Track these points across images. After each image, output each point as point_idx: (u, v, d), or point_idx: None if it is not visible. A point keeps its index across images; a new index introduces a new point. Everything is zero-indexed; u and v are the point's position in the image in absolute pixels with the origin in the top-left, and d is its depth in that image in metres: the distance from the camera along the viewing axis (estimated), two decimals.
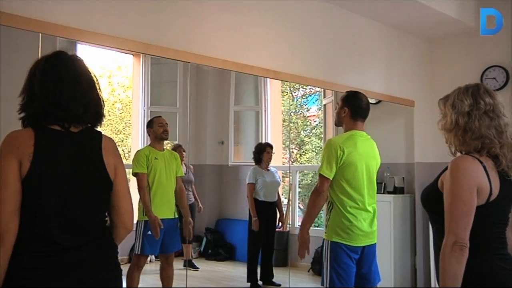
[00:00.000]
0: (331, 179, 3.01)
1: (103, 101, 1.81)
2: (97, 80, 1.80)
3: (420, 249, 5.25)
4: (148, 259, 4.03)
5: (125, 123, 5.02)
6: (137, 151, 3.87)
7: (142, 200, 3.67)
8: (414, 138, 5.29)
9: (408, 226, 5.29)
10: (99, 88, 1.79)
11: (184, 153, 4.13)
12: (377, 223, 3.23)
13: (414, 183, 5.26)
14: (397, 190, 5.27)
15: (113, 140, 1.86)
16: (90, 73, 1.78)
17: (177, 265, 3.94)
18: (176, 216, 3.88)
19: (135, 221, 3.75)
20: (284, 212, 5.51)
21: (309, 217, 3.11)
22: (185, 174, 4.13)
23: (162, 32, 3.26)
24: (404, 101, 5.20)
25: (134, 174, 3.70)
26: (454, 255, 1.71)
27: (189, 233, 4.00)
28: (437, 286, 1.87)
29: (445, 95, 1.97)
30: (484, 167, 1.76)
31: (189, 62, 3.48)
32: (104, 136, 1.80)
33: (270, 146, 4.87)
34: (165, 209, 3.76)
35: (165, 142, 3.97)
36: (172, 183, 3.85)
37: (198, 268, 4.54)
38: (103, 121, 1.82)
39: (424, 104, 5.36)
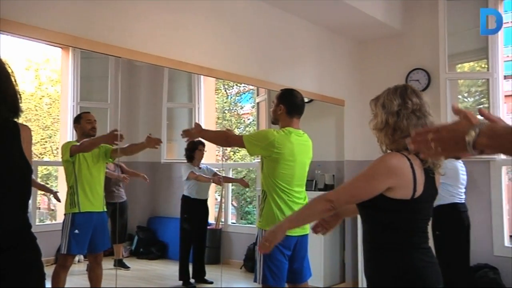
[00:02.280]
0: (247, 148, 3.09)
1: (19, 94, 1.76)
2: (12, 72, 1.75)
3: (349, 245, 5.42)
4: (76, 259, 3.89)
5: (53, 118, 4.82)
6: (68, 141, 3.78)
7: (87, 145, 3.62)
8: (344, 137, 5.46)
9: None
10: (15, 81, 1.75)
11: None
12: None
13: (344, 180, 5.42)
14: (327, 187, 5.41)
15: (29, 128, 1.83)
16: (4, 65, 1.72)
17: (107, 264, 3.84)
18: (105, 209, 3.78)
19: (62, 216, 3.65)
20: (217, 210, 5.51)
21: None
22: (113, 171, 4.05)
23: (92, 25, 3.15)
24: (335, 101, 5.35)
25: (65, 161, 3.61)
26: (320, 205, 1.87)
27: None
28: (364, 280, 1.94)
29: (376, 95, 2.03)
30: (411, 165, 1.83)
31: (120, 57, 3.39)
32: (21, 125, 1.77)
33: (202, 144, 4.84)
34: (93, 202, 3.65)
35: None
36: (101, 175, 3.77)
37: (129, 267, 4.44)
38: (20, 114, 1.78)
39: (353, 104, 5.53)
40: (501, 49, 5.08)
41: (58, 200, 3.97)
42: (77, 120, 3.80)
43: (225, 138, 3.27)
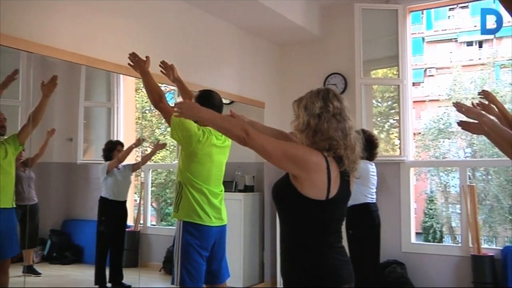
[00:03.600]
0: (170, 128, 3.05)
1: None
2: None
3: (268, 245, 5.51)
4: None
5: None
6: None
7: None
8: None
9: (257, 223, 5.52)
10: None
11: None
12: (228, 221, 3.32)
13: (264, 181, 5.51)
14: (247, 189, 5.47)
15: None
16: None
17: (15, 271, 3.64)
18: (14, 205, 3.57)
19: None
20: (136, 212, 5.41)
21: None
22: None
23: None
24: (255, 102, 5.42)
25: None
26: (237, 129, 1.91)
27: None
28: (281, 280, 1.98)
29: (299, 97, 2.07)
30: (328, 166, 1.89)
31: (32, 53, 3.24)
32: None
33: (121, 144, 4.73)
34: (1, 197, 3.45)
35: None
36: (11, 169, 3.57)
37: (40, 273, 4.23)
38: None
39: (273, 106, 5.63)
40: (410, 58, 5.40)
41: None
42: None
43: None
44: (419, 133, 15.11)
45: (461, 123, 2.71)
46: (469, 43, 19.81)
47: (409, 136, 5.30)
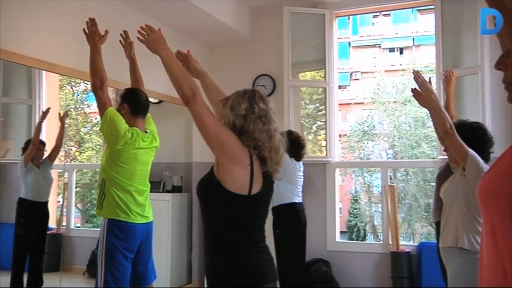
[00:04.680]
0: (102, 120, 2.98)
1: None
2: None
3: (196, 246, 5.48)
4: None
5: None
6: None
7: None
8: (193, 138, 5.50)
9: (185, 223, 5.48)
10: None
11: None
12: (156, 222, 3.28)
13: (192, 182, 5.47)
14: (175, 189, 5.42)
15: None
16: None
17: None
18: None
19: None
20: (58, 213, 5.20)
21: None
22: None
23: None
24: None
25: None
26: (187, 87, 1.92)
27: None
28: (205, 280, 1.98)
29: (226, 97, 2.09)
30: (252, 163, 1.91)
31: None
32: None
33: (43, 143, 4.54)
34: None
35: None
36: None
37: None
38: None
39: None
40: (336, 61, 5.57)
41: None
42: None
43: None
44: (345, 134, 15.62)
45: (414, 91, 2.91)
46: (391, 49, 20.77)
47: (335, 137, 5.47)
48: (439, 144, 4.50)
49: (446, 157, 3.18)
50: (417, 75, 2.90)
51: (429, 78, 3.07)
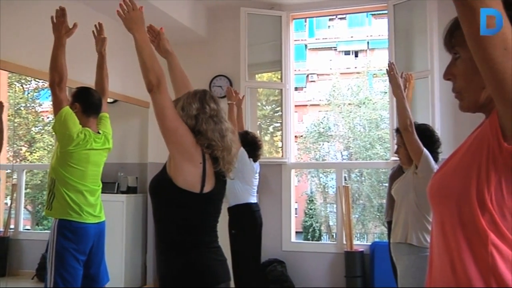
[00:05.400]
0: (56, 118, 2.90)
1: None
2: None
3: (151, 247, 5.41)
4: None
5: None
6: None
7: None
8: (148, 139, 5.43)
9: (140, 225, 5.40)
10: None
11: None
12: (110, 223, 3.22)
13: (147, 183, 5.39)
14: (130, 190, 5.34)
15: None
16: None
17: None
18: None
19: None
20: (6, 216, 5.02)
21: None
22: None
23: None
24: (140, 102, 5.30)
25: None
26: (154, 73, 1.93)
27: None
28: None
29: (177, 97, 2.08)
30: (204, 161, 1.91)
31: None
32: None
33: None
34: None
35: None
36: None
37: None
38: None
39: None
40: (292, 63, 5.63)
41: None
42: None
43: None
44: (301, 136, 15.79)
45: (390, 74, 3.02)
46: (347, 52, 21.16)
47: (291, 139, 5.52)
48: (392, 145, 4.62)
49: (398, 158, 3.27)
50: (390, 68, 2.99)
51: (402, 73, 3.16)
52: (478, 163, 0.97)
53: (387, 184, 4.35)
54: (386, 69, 3.05)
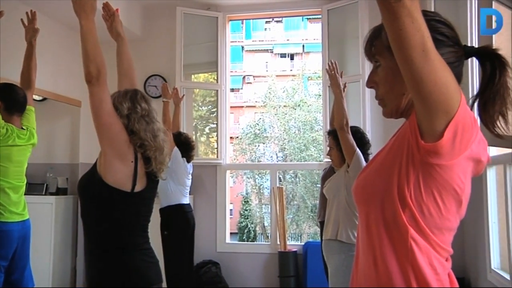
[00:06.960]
0: None
1: None
2: None
3: (82, 250, 5.23)
4: None
5: None
6: None
7: None
8: (80, 139, 5.26)
9: (70, 227, 5.21)
10: None
11: None
12: (37, 225, 3.10)
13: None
14: (60, 191, 5.14)
15: None
16: None
17: None
18: None
19: None
20: None
21: None
22: None
23: None
24: (71, 101, 5.13)
25: None
26: (96, 63, 1.83)
27: None
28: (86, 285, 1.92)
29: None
30: (136, 161, 1.89)
31: None
32: None
33: None
34: None
35: None
36: None
37: None
38: None
39: None
40: (228, 65, 5.64)
41: None
42: None
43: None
44: (237, 137, 15.85)
45: (331, 73, 3.08)
46: (283, 55, 21.48)
47: (226, 140, 5.53)
48: (324, 147, 4.74)
49: (330, 160, 3.36)
50: (331, 67, 3.05)
51: (342, 72, 3.17)
52: (399, 162, 1.02)
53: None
54: (326, 69, 3.11)
